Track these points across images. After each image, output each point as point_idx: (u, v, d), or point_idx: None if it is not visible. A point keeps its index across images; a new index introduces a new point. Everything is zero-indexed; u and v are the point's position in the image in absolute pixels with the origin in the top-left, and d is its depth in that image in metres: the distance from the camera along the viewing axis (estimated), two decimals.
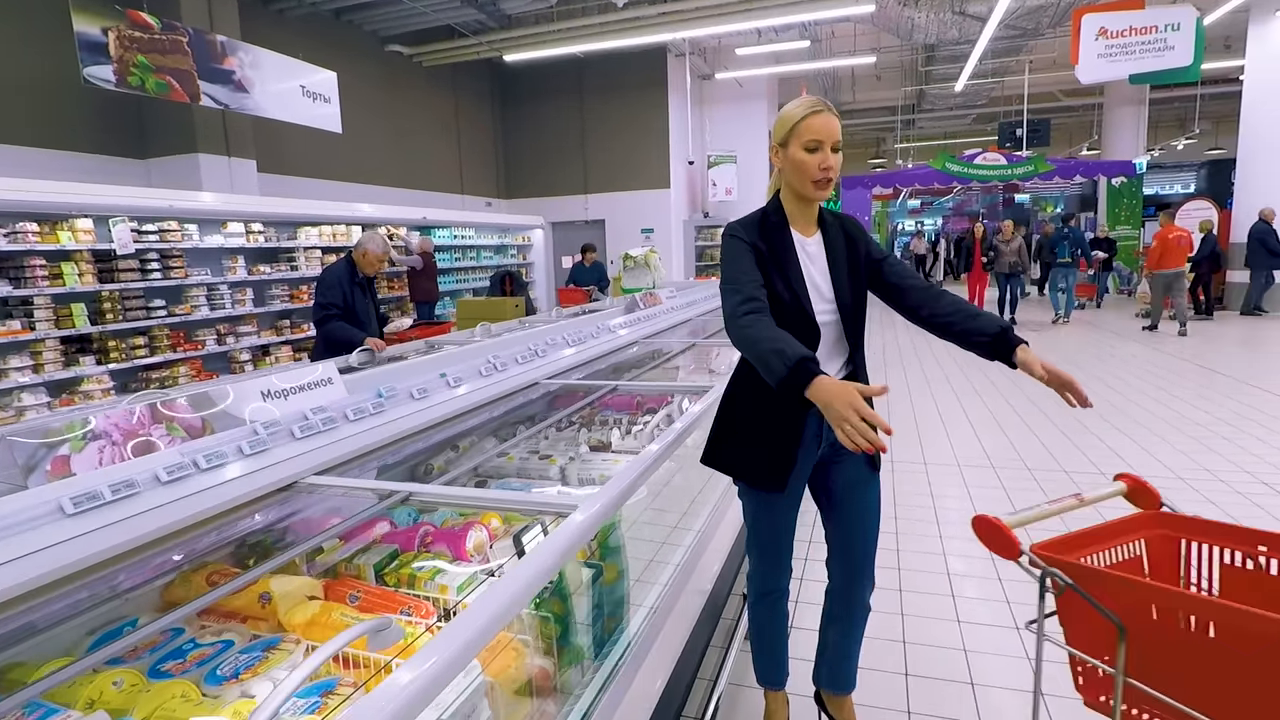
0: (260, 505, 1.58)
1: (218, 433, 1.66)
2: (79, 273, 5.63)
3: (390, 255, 4.53)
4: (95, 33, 5.62)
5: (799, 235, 1.76)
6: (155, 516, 1.38)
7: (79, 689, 1.12)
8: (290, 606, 1.36)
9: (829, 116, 1.65)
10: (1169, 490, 4.03)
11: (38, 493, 1.26)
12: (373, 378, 2.17)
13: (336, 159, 10.33)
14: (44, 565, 1.20)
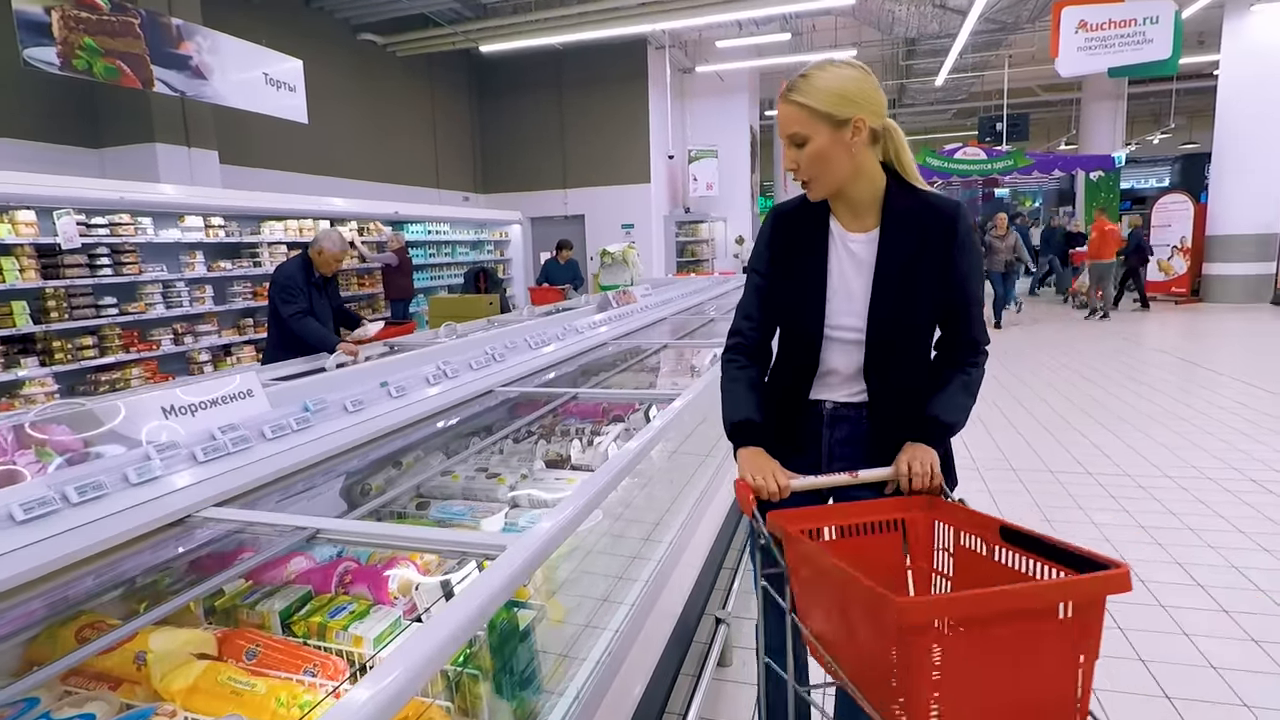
0: (149, 542, 1.36)
1: (107, 456, 1.44)
2: (20, 268, 5.33)
3: (353, 254, 4.28)
4: (36, 11, 5.30)
5: (841, 229, 1.45)
6: (9, 562, 1.16)
7: None
8: (169, 669, 1.15)
9: (781, 106, 1.38)
10: (1148, 481, 3.93)
11: None
12: (300, 389, 1.96)
13: (305, 151, 10.01)
14: None
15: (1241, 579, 2.93)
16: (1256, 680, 2.28)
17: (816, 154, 1.34)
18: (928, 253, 1.39)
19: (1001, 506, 3.81)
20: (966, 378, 1.44)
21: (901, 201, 1.40)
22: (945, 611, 1.04)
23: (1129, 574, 1.00)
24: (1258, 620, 2.62)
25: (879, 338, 1.42)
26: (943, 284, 1.40)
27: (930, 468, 1.35)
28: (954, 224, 1.39)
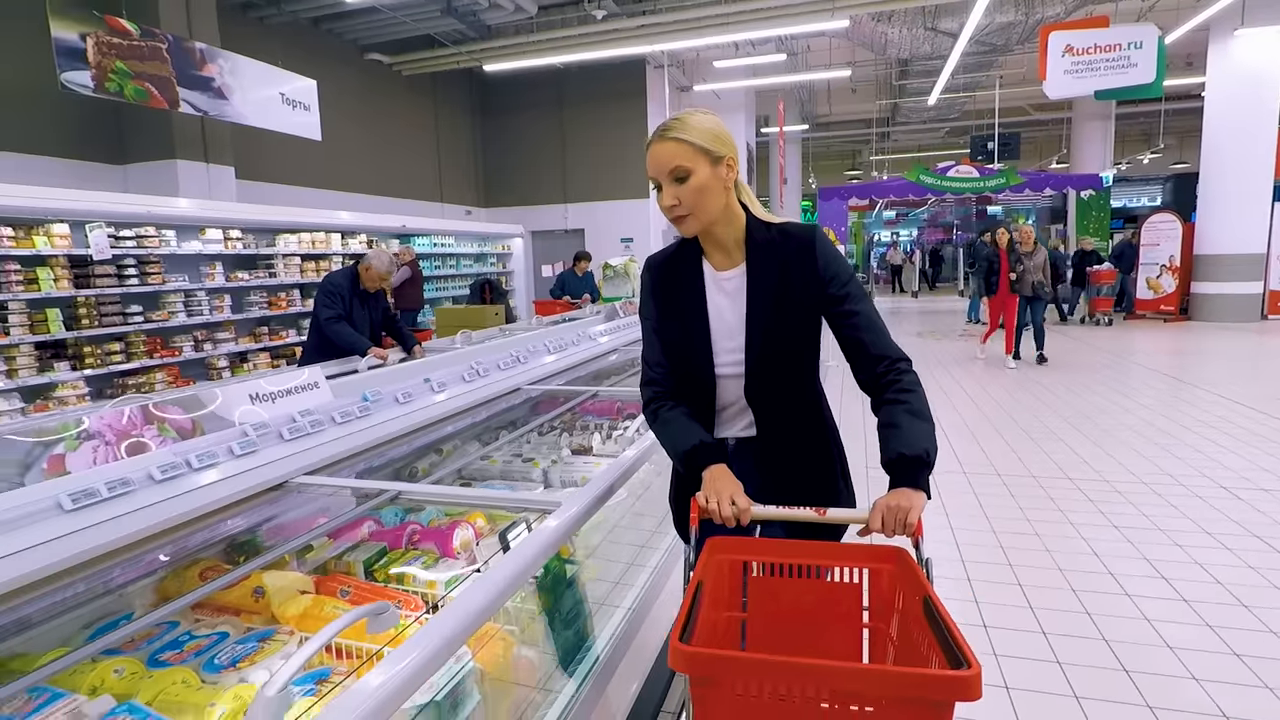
0: (251, 504, 1.62)
1: (208, 434, 1.70)
2: (54, 278, 5.59)
3: (393, 275, 4.54)
4: (73, 38, 5.60)
5: (712, 269, 1.50)
6: (150, 514, 1.42)
7: (80, 676, 1.16)
8: (284, 600, 1.40)
9: (658, 145, 1.41)
10: (1124, 486, 4.19)
11: (36, 489, 1.30)
12: (358, 382, 2.22)
13: (315, 167, 10.31)
14: (42, 559, 1.24)
15: (1203, 573, 3.19)
16: (1203, 658, 2.54)
17: (698, 187, 1.39)
18: (793, 278, 1.43)
19: (986, 508, 4.06)
20: (906, 405, 1.39)
21: (761, 234, 1.47)
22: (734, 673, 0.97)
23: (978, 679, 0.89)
24: (1212, 609, 2.89)
25: (756, 367, 1.44)
26: (818, 304, 1.44)
27: (908, 514, 1.27)
28: (811, 245, 1.44)
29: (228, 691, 1.14)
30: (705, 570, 1.23)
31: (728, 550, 1.32)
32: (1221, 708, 2.23)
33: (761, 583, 1.33)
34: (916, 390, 1.42)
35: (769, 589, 1.32)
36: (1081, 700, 2.30)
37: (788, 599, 1.32)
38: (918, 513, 1.28)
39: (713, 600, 1.24)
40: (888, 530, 1.28)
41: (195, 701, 1.11)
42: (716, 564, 1.29)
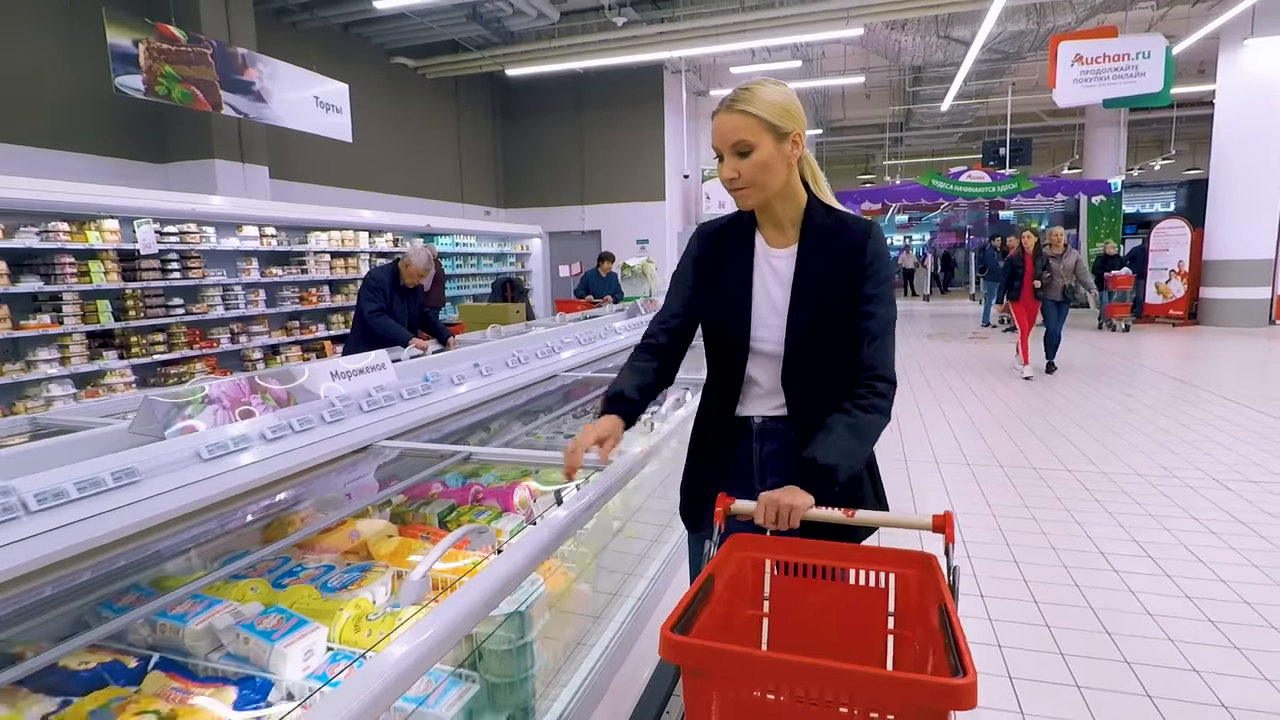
0: (341, 463, 1.89)
1: (299, 404, 1.97)
2: (105, 271, 5.90)
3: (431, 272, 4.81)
4: (127, 44, 5.92)
5: (764, 244, 1.50)
6: (263, 467, 1.68)
7: (224, 591, 1.43)
8: (377, 541, 1.67)
9: (724, 117, 1.39)
10: (1120, 478, 4.40)
11: (184, 442, 1.57)
12: (418, 365, 2.48)
13: (343, 167, 10.63)
14: (188, 497, 1.50)
15: (1188, 554, 3.41)
16: (1179, 623, 2.77)
17: (760, 163, 1.38)
18: (840, 269, 1.42)
19: (989, 497, 4.28)
20: (852, 419, 1.37)
21: (820, 219, 1.46)
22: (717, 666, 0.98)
23: (973, 687, 0.87)
24: (1192, 583, 3.11)
25: (796, 349, 1.44)
26: (853, 299, 1.42)
27: (788, 510, 1.27)
28: (864, 243, 1.43)
29: (348, 603, 1.40)
30: (721, 565, 1.23)
31: (750, 547, 1.30)
32: (1191, 662, 2.46)
33: (784, 582, 1.31)
34: (874, 414, 1.39)
35: (792, 589, 1.30)
36: (1067, 658, 2.53)
37: (811, 601, 1.29)
38: (799, 514, 1.27)
39: (732, 597, 1.23)
40: (769, 523, 1.28)
41: (324, 609, 1.37)
42: (737, 560, 1.28)
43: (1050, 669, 2.51)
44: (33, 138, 6.77)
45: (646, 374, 1.56)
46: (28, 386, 5.48)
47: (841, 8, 10.00)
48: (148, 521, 1.39)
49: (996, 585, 3.15)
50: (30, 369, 5.43)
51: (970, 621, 2.83)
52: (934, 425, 6.00)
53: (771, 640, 1.32)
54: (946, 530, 1.26)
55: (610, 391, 1.53)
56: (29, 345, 5.50)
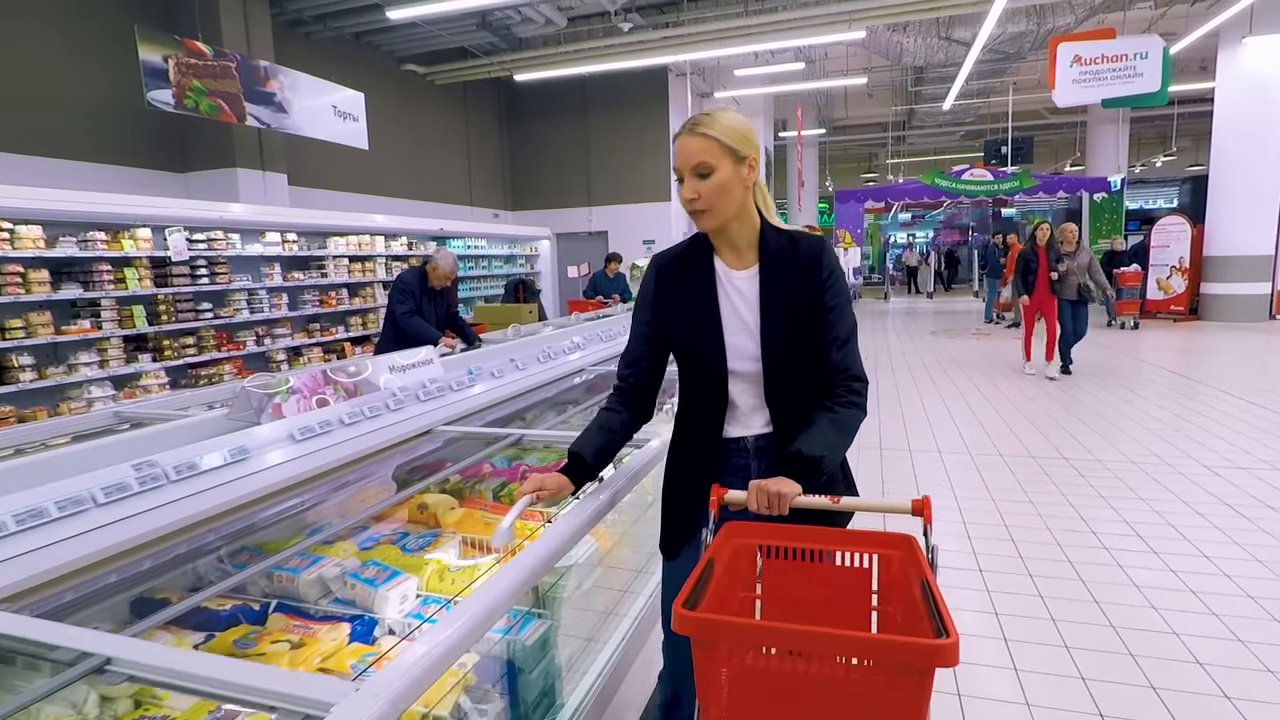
0: (405, 445, 2.13)
1: (364, 394, 2.21)
2: (139, 277, 6.15)
3: (457, 274, 5.04)
4: (157, 60, 6.17)
5: (725, 267, 1.54)
6: (343, 448, 1.92)
7: (320, 552, 1.66)
8: (443, 512, 1.90)
9: (685, 139, 1.46)
10: (1115, 465, 4.61)
11: (278, 425, 1.81)
12: (461, 360, 2.72)
13: (357, 172, 10.89)
14: (286, 472, 1.74)
15: (1175, 533, 3.63)
16: (1163, 594, 2.99)
17: (719, 185, 1.44)
18: (799, 286, 1.49)
19: (989, 484, 4.50)
20: (834, 415, 1.46)
21: (775, 241, 1.52)
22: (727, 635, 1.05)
23: (955, 647, 0.96)
24: (1177, 559, 3.34)
25: (775, 366, 1.49)
26: (815, 312, 1.49)
27: (778, 498, 1.34)
28: (819, 259, 1.50)
29: (429, 561, 1.63)
30: (718, 551, 1.31)
31: (743, 534, 1.39)
32: (1171, 624, 2.69)
33: (775, 565, 1.39)
34: (852, 409, 1.48)
35: (782, 571, 1.38)
36: (1058, 623, 2.76)
37: (800, 582, 1.37)
38: (788, 500, 1.34)
39: (728, 580, 1.30)
40: (760, 509, 1.35)
41: (409, 564, 1.60)
42: (732, 547, 1.36)
43: (1041, 632, 2.73)
44: (66, 150, 7.05)
45: (614, 430, 1.61)
46: (69, 389, 5.74)
47: (843, 11, 10.23)
48: (257, 492, 1.63)
49: (993, 561, 3.37)
50: (72, 371, 5.69)
51: (968, 593, 3.06)
52: (937, 419, 6.22)
53: (764, 618, 1.41)
54: (925, 513, 1.35)
55: (573, 447, 1.57)
56: (69, 349, 5.75)
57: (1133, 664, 2.50)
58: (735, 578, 1.36)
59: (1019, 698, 2.35)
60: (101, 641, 0.94)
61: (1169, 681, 2.39)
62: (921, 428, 5.91)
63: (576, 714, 1.60)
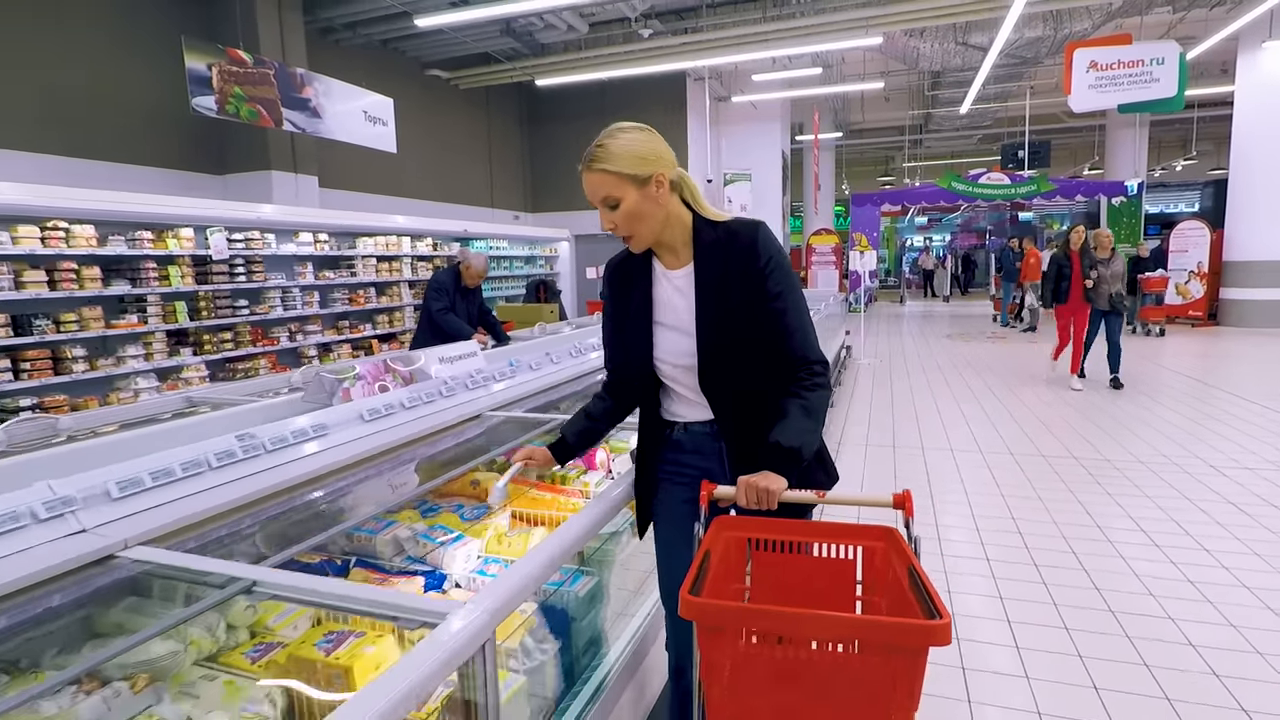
0: (458, 429, 2.34)
1: (418, 382, 2.42)
2: (182, 275, 6.43)
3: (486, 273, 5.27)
4: (202, 68, 6.46)
5: (662, 268, 1.59)
6: (405, 429, 2.13)
7: (391, 518, 1.88)
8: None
9: (585, 175, 1.49)
10: (1123, 464, 4.75)
11: (349, 407, 2.02)
12: (501, 353, 2.93)
13: (384, 175, 11.18)
14: (358, 448, 1.95)
15: (1177, 527, 3.78)
16: (1167, 584, 3.15)
17: (630, 212, 1.47)
18: (735, 273, 1.50)
19: (999, 480, 4.66)
20: (803, 401, 1.47)
21: (708, 235, 1.54)
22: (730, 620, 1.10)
23: (948, 627, 1.01)
24: (1183, 553, 3.49)
25: (709, 359, 1.52)
26: (758, 301, 1.50)
27: (766, 494, 1.37)
28: (754, 243, 1.50)
29: (487, 526, 1.84)
30: (712, 543, 1.37)
31: (733, 528, 1.44)
32: (1168, 611, 2.85)
33: (763, 558, 1.45)
34: (818, 391, 1.50)
35: (770, 564, 1.44)
36: (1059, 607, 2.93)
37: (788, 574, 1.43)
38: (777, 495, 1.38)
39: (720, 573, 1.35)
40: (750, 504, 1.39)
41: (470, 530, 1.81)
42: (724, 540, 1.41)
43: (1043, 615, 2.90)
44: (115, 154, 7.37)
45: (597, 419, 1.73)
46: (117, 379, 6.02)
47: (861, 17, 10.38)
48: (337, 463, 1.84)
49: (1000, 551, 3.54)
50: (120, 364, 5.97)
51: (975, 579, 3.23)
52: (951, 421, 6.37)
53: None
54: (906, 506, 1.38)
55: (562, 428, 1.75)
56: (117, 343, 6.03)
57: (1128, 645, 2.66)
58: (727, 569, 1.41)
59: (1019, 671, 2.53)
60: (245, 569, 1.16)
61: (1161, 660, 2.56)
62: (934, 426, 6.06)
63: (618, 660, 1.80)
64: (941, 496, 4.34)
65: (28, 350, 5.50)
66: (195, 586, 1.19)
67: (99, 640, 1.26)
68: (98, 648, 1.23)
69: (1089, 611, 2.91)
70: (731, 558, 1.43)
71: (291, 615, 1.41)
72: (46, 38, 6.84)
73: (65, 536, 1.27)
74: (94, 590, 1.24)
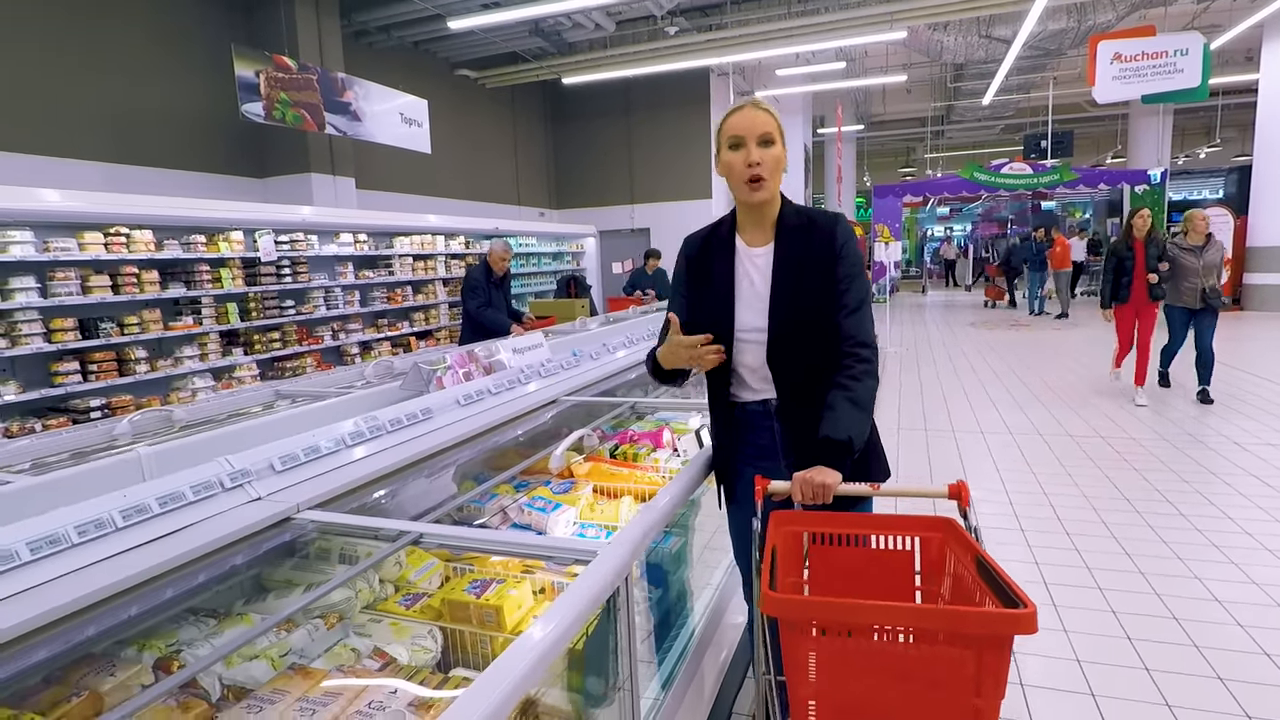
0: (537, 412, 2.55)
1: (495, 371, 2.63)
2: (233, 277, 6.70)
3: (511, 253, 5.48)
4: (250, 75, 6.72)
5: (745, 245, 1.68)
6: (494, 412, 2.34)
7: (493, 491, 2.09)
8: (575, 465, 2.32)
9: (752, 111, 1.58)
10: (1120, 445, 4.87)
11: (445, 393, 2.24)
12: (565, 343, 3.14)
13: (416, 175, 11.45)
14: (458, 430, 2.16)
15: (1202, 499, 3.92)
16: (1194, 549, 3.31)
17: (777, 158, 1.60)
18: (813, 259, 1.60)
19: (997, 460, 4.80)
20: (850, 392, 1.51)
21: (792, 219, 1.65)
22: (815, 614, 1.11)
23: (1034, 615, 1.02)
24: (1208, 520, 3.64)
25: (779, 334, 1.60)
26: (829, 284, 1.59)
27: (821, 489, 1.42)
28: (833, 232, 1.62)
29: (579, 498, 2.05)
30: (773, 538, 1.39)
31: (790, 523, 1.47)
32: (1197, 572, 3.01)
33: (820, 551, 1.47)
34: (864, 380, 1.54)
35: (826, 557, 1.46)
36: (1102, 588, 3.09)
37: (844, 566, 1.44)
38: (832, 490, 1.42)
39: (784, 567, 1.37)
40: (806, 500, 1.43)
41: (564, 499, 2.02)
42: (782, 534, 1.43)
43: (1082, 588, 3.07)
44: (165, 159, 7.68)
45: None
46: (174, 379, 6.30)
47: (885, 12, 10.47)
48: (442, 444, 2.06)
49: (1034, 522, 3.70)
50: (179, 364, 6.25)
51: (1012, 548, 3.40)
52: (979, 403, 6.50)
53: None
54: (962, 496, 1.39)
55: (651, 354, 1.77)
56: (173, 344, 6.32)
57: (1159, 604, 2.83)
58: (786, 563, 1.43)
59: (1070, 655, 2.68)
60: (412, 525, 1.37)
61: (1206, 639, 2.72)
62: (963, 410, 6.21)
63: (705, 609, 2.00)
64: (975, 486, 4.51)
65: (95, 352, 5.79)
66: (352, 543, 1.40)
67: (280, 591, 1.48)
68: (280, 597, 1.45)
69: (1129, 586, 3.08)
70: (789, 552, 1.45)
71: (427, 571, 1.62)
72: (100, 50, 7.13)
73: (247, 503, 1.49)
74: (273, 548, 1.46)
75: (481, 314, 5.11)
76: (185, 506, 1.38)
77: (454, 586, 1.49)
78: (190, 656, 1.22)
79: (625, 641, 1.22)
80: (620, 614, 1.19)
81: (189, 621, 1.37)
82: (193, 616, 1.39)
